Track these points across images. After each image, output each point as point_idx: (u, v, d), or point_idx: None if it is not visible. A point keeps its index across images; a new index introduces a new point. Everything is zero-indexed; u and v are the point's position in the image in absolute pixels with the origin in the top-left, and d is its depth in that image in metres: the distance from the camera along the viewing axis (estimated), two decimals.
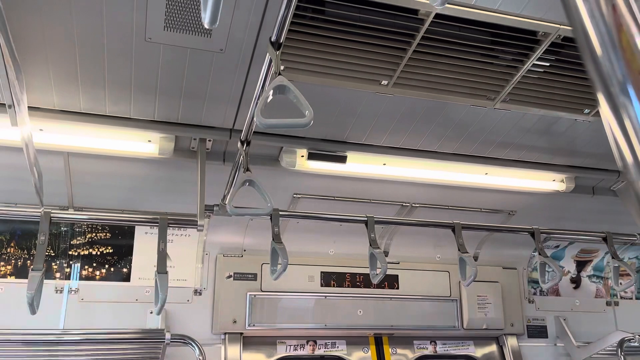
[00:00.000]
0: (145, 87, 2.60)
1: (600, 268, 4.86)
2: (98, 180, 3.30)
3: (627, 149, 0.41)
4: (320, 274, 3.99)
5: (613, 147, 0.43)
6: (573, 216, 4.14)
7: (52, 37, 2.26)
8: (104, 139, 2.94)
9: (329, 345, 3.97)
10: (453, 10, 2.23)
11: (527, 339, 4.43)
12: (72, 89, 2.58)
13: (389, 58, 2.52)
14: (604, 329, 4.53)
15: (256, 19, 2.20)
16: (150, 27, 2.22)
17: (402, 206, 3.88)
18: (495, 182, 3.67)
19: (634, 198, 0.41)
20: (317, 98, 2.73)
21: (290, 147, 3.22)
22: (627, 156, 0.41)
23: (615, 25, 0.43)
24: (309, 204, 3.63)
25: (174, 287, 3.62)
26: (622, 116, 0.41)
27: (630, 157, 0.41)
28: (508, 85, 2.72)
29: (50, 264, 3.45)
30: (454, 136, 3.22)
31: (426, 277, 4.23)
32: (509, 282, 4.44)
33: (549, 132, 3.22)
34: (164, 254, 2.79)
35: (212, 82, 2.58)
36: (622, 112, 0.41)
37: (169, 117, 2.88)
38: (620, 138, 0.41)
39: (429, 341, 4.22)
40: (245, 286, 3.76)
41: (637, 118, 0.41)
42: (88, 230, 3.57)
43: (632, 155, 0.40)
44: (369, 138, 3.19)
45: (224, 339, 3.67)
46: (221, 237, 3.76)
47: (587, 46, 0.44)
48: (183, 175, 3.30)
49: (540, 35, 2.42)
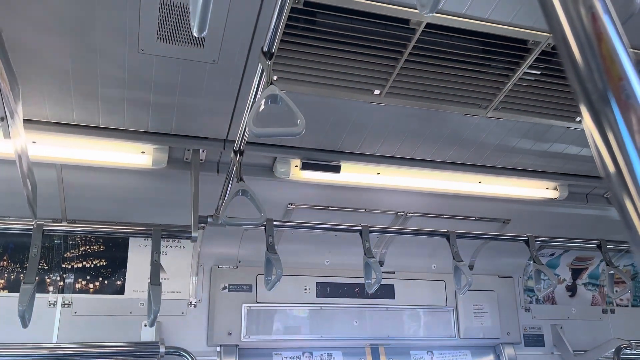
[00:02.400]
0: (139, 98, 2.60)
1: (595, 276, 4.86)
2: (91, 192, 3.28)
3: (609, 157, 0.41)
4: (315, 284, 3.98)
5: (595, 156, 0.43)
6: (567, 224, 4.15)
7: (45, 49, 2.26)
8: (97, 151, 2.93)
9: (325, 357, 3.94)
10: (444, 19, 2.25)
11: (524, 347, 4.41)
12: (65, 101, 2.58)
13: (381, 68, 2.53)
14: (601, 336, 4.53)
15: (248, 29, 2.21)
16: (142, 38, 2.22)
17: (396, 215, 3.88)
18: (489, 190, 3.68)
19: (616, 206, 0.41)
20: (310, 108, 2.73)
21: (284, 157, 3.22)
22: (609, 165, 0.41)
23: (595, 34, 0.43)
24: (303, 214, 3.63)
25: (168, 300, 3.60)
26: (603, 124, 0.41)
27: (612, 166, 0.41)
28: (500, 94, 2.74)
29: (44, 277, 3.42)
30: (447, 145, 3.23)
31: (422, 287, 4.22)
32: (504, 291, 4.44)
33: (542, 140, 3.23)
34: (157, 265, 2.77)
35: (205, 93, 2.58)
36: (603, 121, 0.41)
37: (163, 128, 2.87)
38: (601, 146, 0.41)
39: (425, 351, 4.20)
40: (240, 298, 3.74)
41: (617, 126, 0.41)
42: (81, 242, 3.55)
43: (613, 164, 0.40)
44: (362, 147, 3.19)
45: (220, 351, 3.64)
46: (216, 248, 3.75)
47: (567, 55, 0.44)
48: (177, 186, 3.29)
49: (531, 44, 2.44)
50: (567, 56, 0.44)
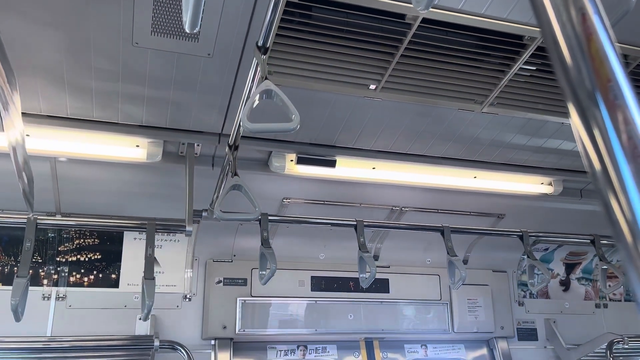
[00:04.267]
0: (133, 92, 2.59)
1: (589, 270, 4.89)
2: (85, 186, 3.27)
3: (595, 156, 0.41)
4: (310, 278, 3.99)
5: (582, 153, 0.43)
6: (561, 219, 4.17)
7: (39, 42, 2.24)
8: (92, 144, 2.92)
9: (319, 350, 3.96)
10: (440, 14, 2.24)
11: (517, 341, 4.44)
12: (59, 94, 2.57)
13: (377, 62, 2.53)
14: (594, 331, 4.56)
15: (244, 23, 2.20)
16: (137, 32, 2.21)
17: (391, 210, 3.88)
18: (484, 185, 3.69)
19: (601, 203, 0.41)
20: (306, 102, 2.73)
21: (279, 151, 3.22)
22: (595, 164, 0.41)
23: (584, 34, 0.43)
24: (298, 209, 3.63)
25: (163, 293, 3.60)
26: (591, 124, 0.41)
27: (598, 165, 0.41)
28: (495, 89, 2.74)
29: (38, 271, 3.41)
30: (443, 140, 3.23)
31: (417, 281, 4.24)
32: (498, 285, 4.46)
33: (537, 135, 3.24)
34: (151, 259, 2.77)
35: (200, 86, 2.57)
36: (591, 120, 0.42)
37: (157, 122, 2.86)
38: (588, 144, 0.42)
39: (419, 345, 4.22)
40: (235, 291, 3.75)
41: (605, 126, 0.41)
42: (76, 236, 3.54)
43: (599, 163, 0.41)
44: (358, 142, 3.19)
45: (214, 344, 3.65)
46: (211, 242, 3.75)
47: (556, 54, 0.44)
48: (171, 180, 3.28)
49: (527, 40, 2.44)
50: (557, 56, 0.44)
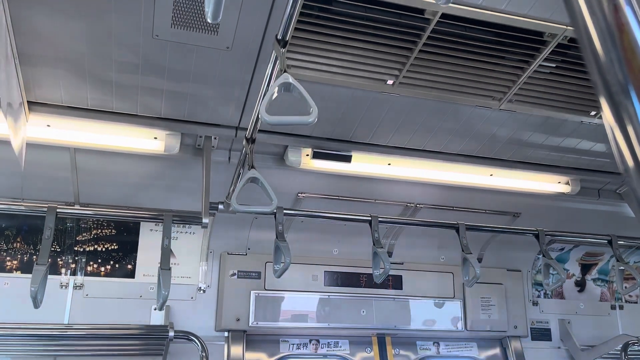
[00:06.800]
0: (152, 84, 2.61)
1: (605, 271, 4.83)
2: (104, 177, 3.31)
3: (628, 151, 0.40)
4: (324, 273, 3.99)
5: (614, 149, 0.42)
6: (578, 219, 4.12)
7: (61, 34, 2.27)
8: (111, 136, 2.96)
9: (331, 345, 3.97)
10: (459, 10, 2.23)
11: (530, 341, 4.41)
12: (80, 85, 2.60)
13: (395, 57, 2.52)
14: (608, 332, 4.51)
15: (263, 16, 2.20)
16: (157, 24, 2.22)
17: (406, 206, 3.87)
18: (501, 183, 3.66)
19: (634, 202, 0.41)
20: (322, 97, 2.73)
21: (296, 145, 3.22)
22: (628, 159, 0.41)
23: (616, 25, 0.43)
24: (313, 203, 3.63)
25: (178, 284, 3.63)
26: (623, 117, 0.41)
27: (631, 160, 0.40)
28: (514, 86, 2.71)
29: (56, 260, 3.47)
30: (460, 137, 3.21)
31: (430, 278, 4.22)
32: (513, 284, 4.42)
33: (555, 133, 3.21)
34: (167, 250, 2.80)
35: (218, 80, 2.59)
36: (623, 114, 0.41)
37: (175, 115, 2.88)
38: (621, 140, 0.41)
39: (432, 342, 4.21)
40: (249, 284, 3.77)
41: (638, 119, 0.40)
42: (93, 226, 3.59)
43: (632, 158, 0.40)
44: (374, 138, 3.18)
45: (227, 336, 3.68)
46: (226, 235, 3.77)
47: (588, 46, 0.44)
48: (188, 172, 3.31)
49: (547, 36, 2.41)
50: (588, 48, 0.44)
